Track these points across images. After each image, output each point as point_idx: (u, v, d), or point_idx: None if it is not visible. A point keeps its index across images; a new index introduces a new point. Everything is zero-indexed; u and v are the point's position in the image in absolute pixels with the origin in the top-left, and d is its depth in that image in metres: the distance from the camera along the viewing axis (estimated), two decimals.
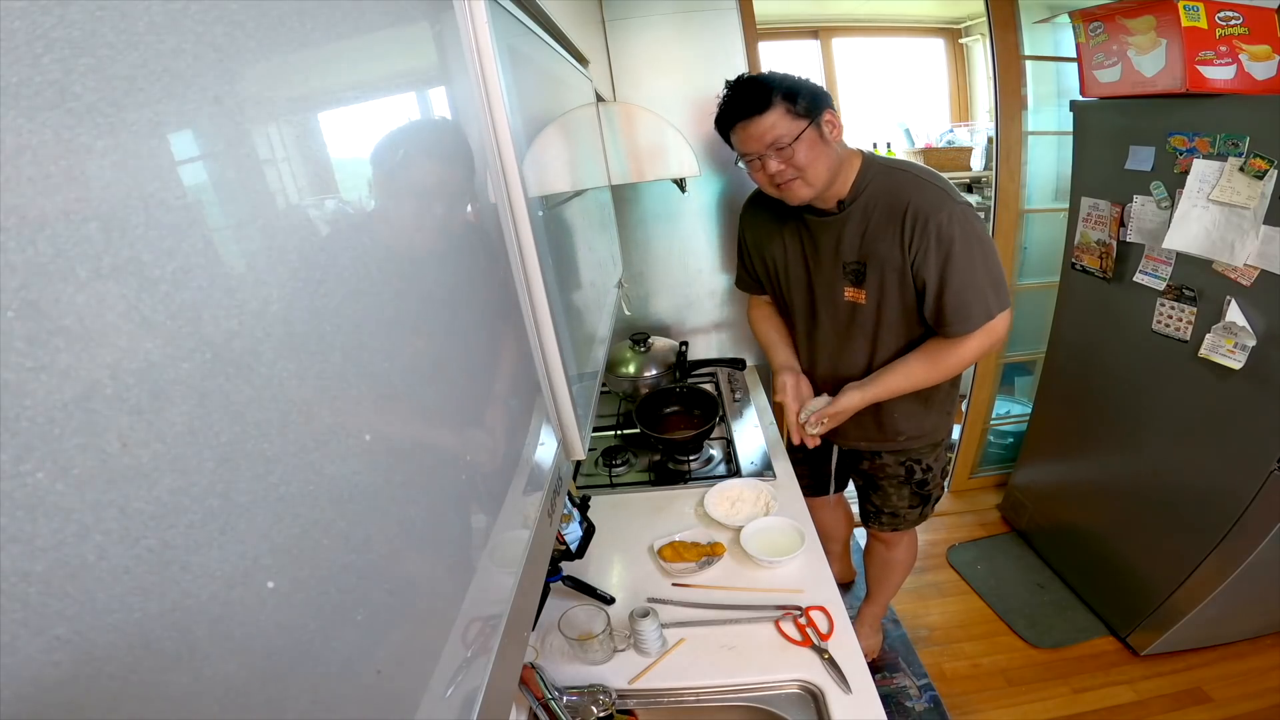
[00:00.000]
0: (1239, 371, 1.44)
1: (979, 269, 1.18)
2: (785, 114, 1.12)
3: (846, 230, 1.25)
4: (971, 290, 1.19)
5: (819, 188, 1.19)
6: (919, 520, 1.61)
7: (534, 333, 0.67)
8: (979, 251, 1.18)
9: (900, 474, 1.53)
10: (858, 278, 1.28)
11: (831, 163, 1.18)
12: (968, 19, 3.17)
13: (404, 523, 0.37)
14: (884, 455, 1.52)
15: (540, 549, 0.61)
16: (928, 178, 1.20)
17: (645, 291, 2.14)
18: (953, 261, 1.17)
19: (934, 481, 1.56)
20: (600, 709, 0.92)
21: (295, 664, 0.27)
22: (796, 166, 1.16)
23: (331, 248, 0.32)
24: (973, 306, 1.20)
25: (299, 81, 0.32)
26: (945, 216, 1.15)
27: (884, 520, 1.61)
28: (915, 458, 1.50)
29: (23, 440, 0.16)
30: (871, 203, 1.22)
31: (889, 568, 1.75)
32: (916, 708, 1.73)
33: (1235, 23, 1.40)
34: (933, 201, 1.16)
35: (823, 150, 1.16)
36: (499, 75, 0.58)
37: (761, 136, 1.14)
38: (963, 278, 1.18)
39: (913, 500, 1.56)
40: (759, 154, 1.16)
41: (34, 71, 0.17)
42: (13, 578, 0.16)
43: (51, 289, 0.17)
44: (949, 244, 1.16)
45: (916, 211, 1.16)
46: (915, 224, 1.17)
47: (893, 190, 1.20)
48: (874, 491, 1.60)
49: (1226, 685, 1.71)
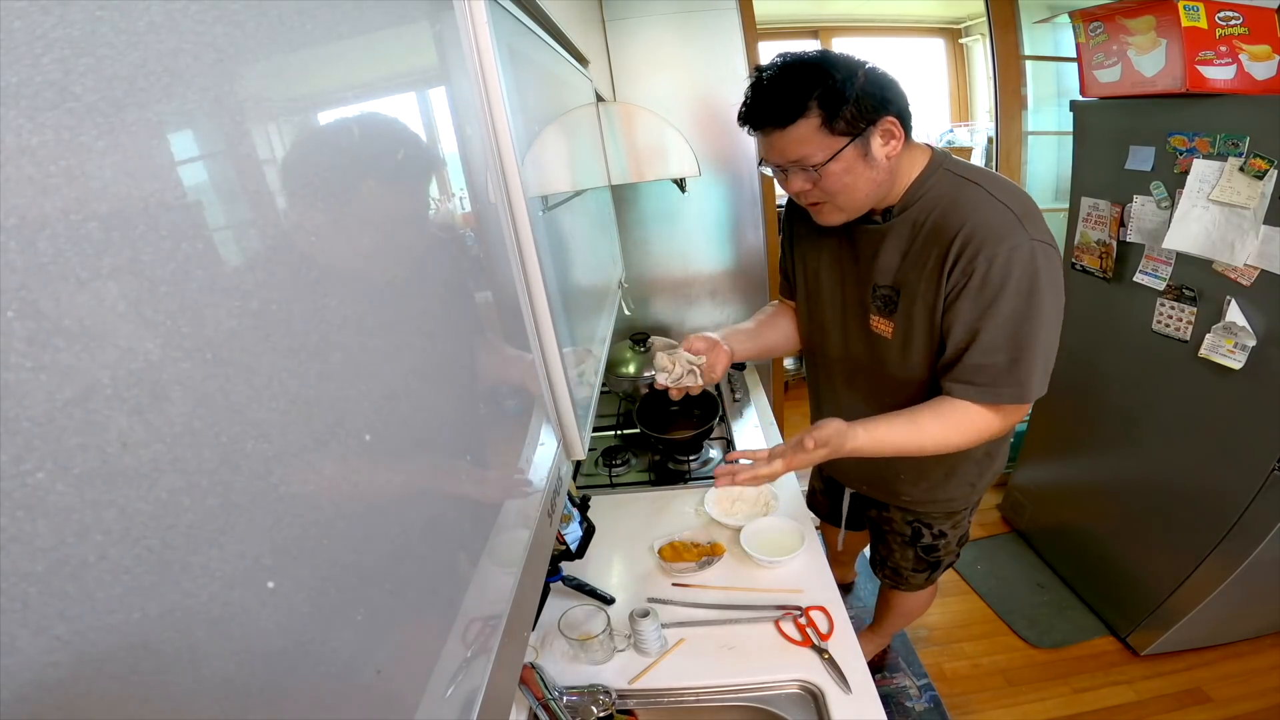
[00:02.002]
0: (1239, 371, 1.44)
1: (1034, 331, 0.89)
2: (819, 129, 0.87)
3: (885, 246, 0.99)
4: (1008, 355, 0.90)
5: (853, 212, 0.97)
6: (925, 584, 1.44)
7: (534, 333, 0.67)
8: (1042, 310, 0.88)
9: (906, 533, 1.34)
10: (887, 306, 1.02)
11: (874, 184, 0.93)
12: (968, 19, 3.17)
13: (404, 522, 0.37)
14: (891, 509, 1.34)
15: (540, 549, 0.61)
16: (1003, 197, 0.90)
17: (645, 292, 2.14)
18: (997, 311, 0.89)
19: (945, 549, 1.34)
20: (600, 709, 0.92)
21: (295, 664, 0.27)
22: (825, 191, 0.92)
23: (331, 247, 0.32)
24: (1002, 375, 0.91)
25: (299, 81, 0.32)
26: (1007, 251, 0.87)
27: (887, 574, 1.48)
28: (926, 521, 1.29)
29: (23, 440, 0.16)
30: (923, 217, 0.95)
31: (891, 610, 1.64)
32: (916, 708, 1.73)
33: (1235, 23, 1.40)
34: (997, 228, 0.88)
35: (863, 173, 0.91)
36: (499, 75, 0.58)
37: (784, 151, 0.90)
38: (1004, 337, 0.90)
39: (918, 564, 1.38)
40: (781, 166, 0.93)
41: (34, 71, 0.17)
42: (13, 578, 0.16)
43: (51, 289, 0.17)
44: (999, 287, 0.88)
45: (970, 236, 0.88)
46: (964, 252, 0.89)
47: (952, 205, 0.92)
48: (880, 543, 1.45)
49: (1226, 685, 1.70)
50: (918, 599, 1.57)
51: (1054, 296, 0.90)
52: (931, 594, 1.61)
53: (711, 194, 2.02)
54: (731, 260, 2.12)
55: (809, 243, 1.14)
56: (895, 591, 1.54)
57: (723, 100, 1.90)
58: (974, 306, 0.91)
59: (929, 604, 1.65)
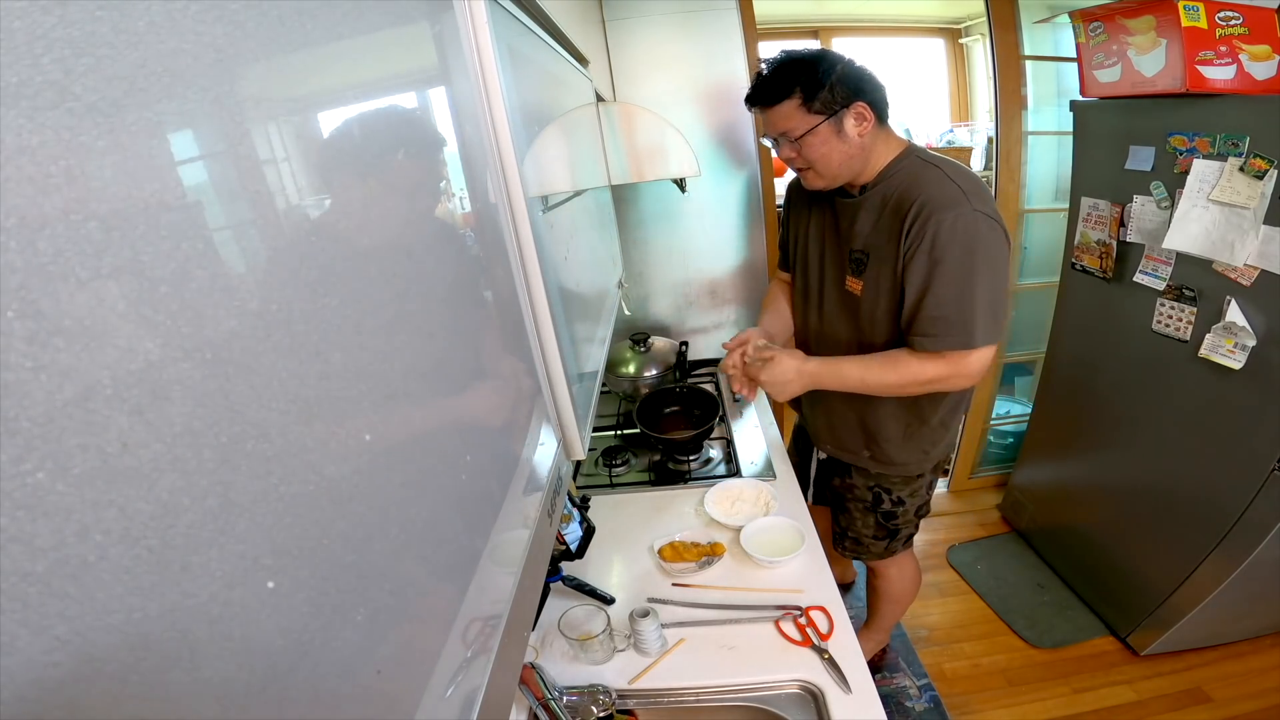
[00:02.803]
0: (1239, 371, 1.44)
1: (974, 286, 1.08)
2: (798, 108, 1.10)
3: (860, 217, 1.21)
4: (955, 307, 1.09)
5: (831, 179, 1.18)
6: (884, 554, 1.54)
7: (534, 333, 0.67)
8: (981, 268, 1.07)
9: (867, 499, 1.47)
10: (859, 267, 1.23)
11: (847, 157, 1.14)
12: (968, 19, 3.17)
13: (404, 523, 0.37)
14: (853, 474, 1.48)
15: (540, 549, 0.61)
16: (955, 177, 1.10)
17: (645, 291, 2.14)
18: (943, 268, 1.08)
19: (904, 517, 1.48)
20: (600, 709, 0.92)
21: (295, 664, 0.27)
22: (806, 159, 1.15)
23: (331, 247, 0.32)
24: (951, 325, 1.10)
25: (299, 81, 0.32)
26: (952, 217, 1.06)
27: (847, 545, 1.57)
28: (885, 486, 1.44)
29: (23, 440, 0.16)
30: (890, 192, 1.16)
31: (878, 597, 1.70)
32: (916, 708, 1.73)
33: (1235, 23, 1.40)
34: (945, 199, 1.07)
35: (836, 146, 1.12)
36: (499, 75, 0.58)
37: (773, 124, 1.15)
38: (949, 290, 1.08)
39: (878, 531, 1.50)
40: (773, 138, 1.18)
41: (34, 71, 0.17)
42: (13, 578, 0.16)
43: (51, 289, 0.17)
44: (945, 247, 1.07)
45: (924, 205, 1.08)
46: (918, 218, 1.08)
47: (914, 183, 1.13)
48: (841, 512, 1.56)
49: (1226, 685, 1.71)
50: (902, 580, 1.64)
51: (992, 258, 1.09)
52: (915, 577, 1.68)
53: (712, 194, 2.02)
54: (732, 260, 2.11)
55: (802, 216, 1.37)
56: (878, 575, 1.64)
57: (723, 100, 1.90)
58: (925, 263, 1.10)
59: (915, 587, 1.69)
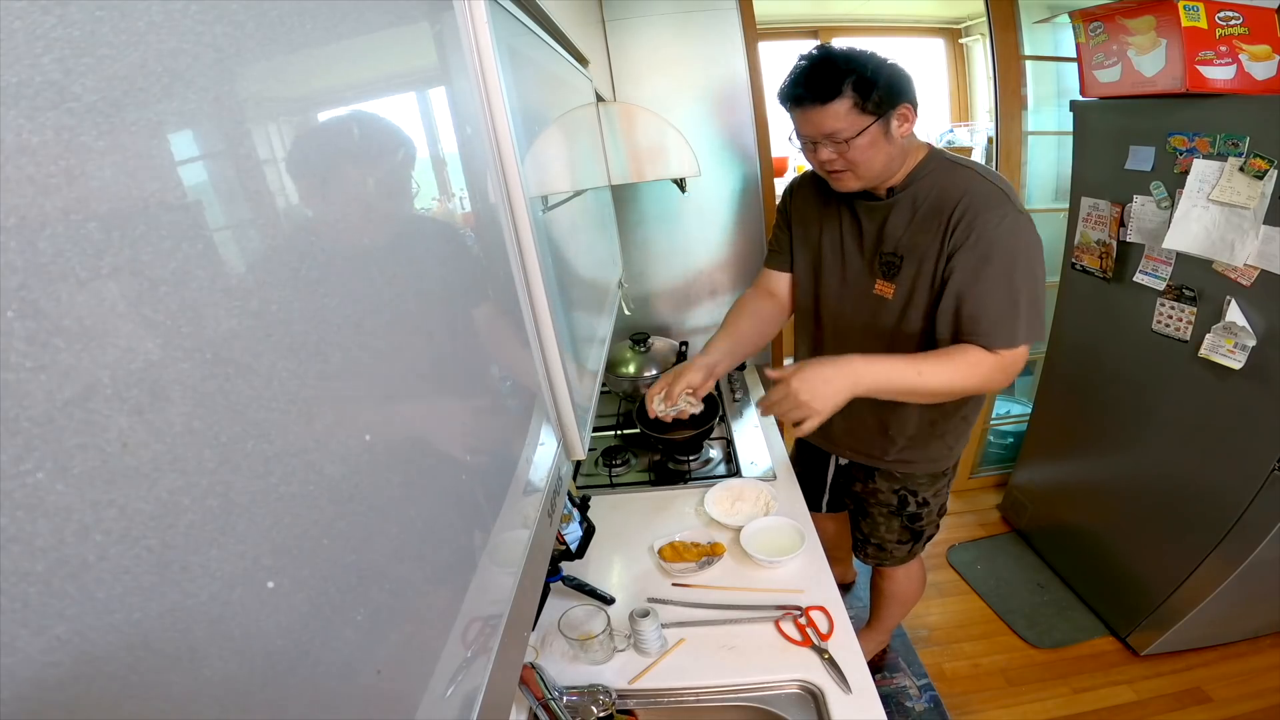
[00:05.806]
0: (1239, 371, 1.44)
1: (1017, 286, 1.07)
2: (852, 108, 1.03)
3: (891, 219, 1.17)
4: (998, 306, 1.07)
5: (869, 182, 1.13)
6: (907, 558, 1.52)
7: (534, 333, 0.67)
8: (1024, 267, 1.07)
9: (893, 503, 1.44)
10: (890, 270, 1.19)
11: (889, 158, 1.10)
12: (968, 19, 3.18)
13: (404, 523, 0.37)
14: (877, 479, 1.44)
15: (540, 549, 0.61)
16: (991, 177, 1.11)
17: (645, 291, 2.14)
18: (989, 267, 1.06)
19: (928, 518, 1.46)
20: (600, 709, 0.92)
21: (295, 664, 0.27)
22: (849, 161, 1.09)
23: (331, 247, 0.32)
24: (997, 324, 1.07)
25: (299, 81, 0.32)
26: (997, 218, 1.06)
27: (869, 551, 1.54)
28: (911, 488, 1.41)
29: (23, 440, 0.16)
30: (923, 194, 1.14)
31: (883, 599, 1.68)
32: (916, 708, 1.73)
33: (1235, 23, 1.40)
34: (990, 199, 1.07)
35: (883, 147, 1.08)
36: (499, 75, 0.58)
37: (820, 125, 1.06)
38: (1000, 288, 1.07)
39: (902, 534, 1.47)
40: (813, 139, 1.09)
41: (34, 71, 0.17)
42: (13, 578, 0.16)
43: (51, 289, 0.17)
44: (989, 246, 1.06)
45: (968, 206, 1.07)
46: (963, 218, 1.07)
47: (949, 183, 1.11)
48: (863, 518, 1.52)
49: (1226, 685, 1.71)
50: (909, 581, 1.62)
51: (1035, 257, 1.09)
52: (922, 577, 1.66)
53: (711, 194, 2.02)
54: (732, 260, 2.11)
55: (811, 220, 1.30)
56: (885, 577, 1.60)
57: (723, 100, 1.90)
58: (972, 260, 1.07)
59: (921, 587, 1.67)
